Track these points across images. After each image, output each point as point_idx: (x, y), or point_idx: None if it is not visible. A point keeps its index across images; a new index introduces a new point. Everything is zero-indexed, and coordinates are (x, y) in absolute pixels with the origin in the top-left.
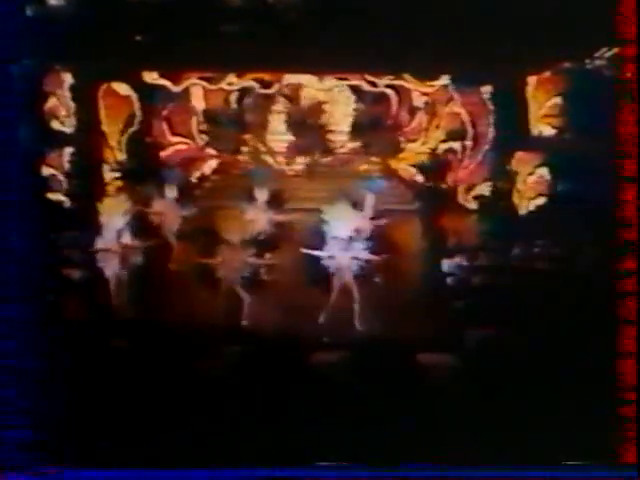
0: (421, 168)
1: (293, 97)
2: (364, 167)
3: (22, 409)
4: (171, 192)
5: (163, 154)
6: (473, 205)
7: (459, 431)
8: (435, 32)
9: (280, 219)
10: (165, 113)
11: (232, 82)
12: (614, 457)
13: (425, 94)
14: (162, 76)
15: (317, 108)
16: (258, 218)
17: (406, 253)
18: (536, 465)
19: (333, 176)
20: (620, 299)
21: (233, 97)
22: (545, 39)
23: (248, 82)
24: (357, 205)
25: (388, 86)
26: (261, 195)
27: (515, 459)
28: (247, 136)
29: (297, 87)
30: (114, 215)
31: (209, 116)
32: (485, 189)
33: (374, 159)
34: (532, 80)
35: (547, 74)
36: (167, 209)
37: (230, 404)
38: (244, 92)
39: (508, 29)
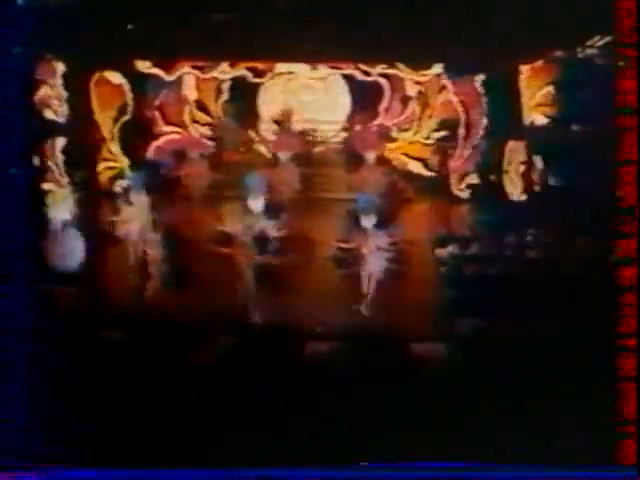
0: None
1: (283, 122)
2: (357, 157)
3: (21, 408)
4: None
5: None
6: (465, 194)
7: (453, 428)
8: (428, 20)
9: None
10: (157, 102)
11: (224, 71)
12: (614, 457)
13: (418, 83)
14: (155, 65)
15: (307, 136)
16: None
17: (398, 243)
18: (535, 465)
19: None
20: (618, 290)
21: (226, 86)
22: (537, 27)
23: (241, 71)
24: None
25: (381, 75)
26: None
27: (513, 458)
28: (240, 126)
29: (288, 112)
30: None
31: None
32: (477, 178)
33: (367, 149)
34: (525, 69)
35: (539, 63)
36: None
37: (227, 399)
38: (237, 81)
39: (501, 17)
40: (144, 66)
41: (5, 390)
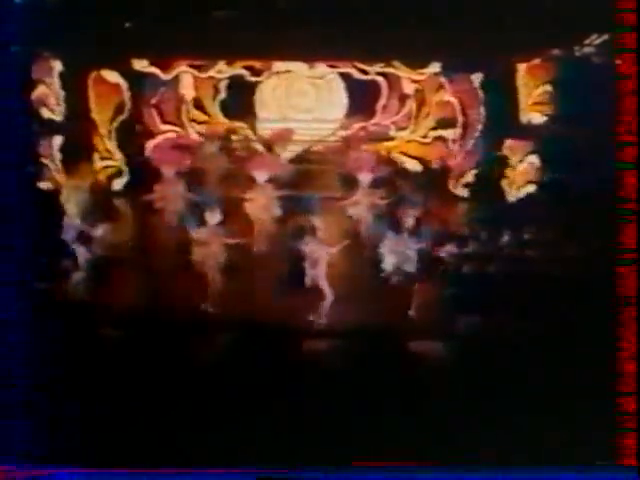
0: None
1: (272, 145)
2: (355, 155)
3: (21, 407)
4: None
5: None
6: (463, 193)
7: (453, 427)
8: (425, 19)
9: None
10: (154, 101)
11: (222, 70)
12: (614, 459)
13: (415, 81)
14: (152, 64)
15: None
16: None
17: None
18: (536, 466)
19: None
20: (617, 289)
21: (223, 85)
22: (535, 26)
23: (238, 70)
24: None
25: (379, 73)
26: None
27: (514, 460)
28: (237, 124)
29: (284, 134)
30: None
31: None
32: (475, 177)
33: (365, 147)
34: (522, 67)
35: (537, 61)
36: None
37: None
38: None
39: (498, 17)
40: (141, 65)
41: (5, 390)
